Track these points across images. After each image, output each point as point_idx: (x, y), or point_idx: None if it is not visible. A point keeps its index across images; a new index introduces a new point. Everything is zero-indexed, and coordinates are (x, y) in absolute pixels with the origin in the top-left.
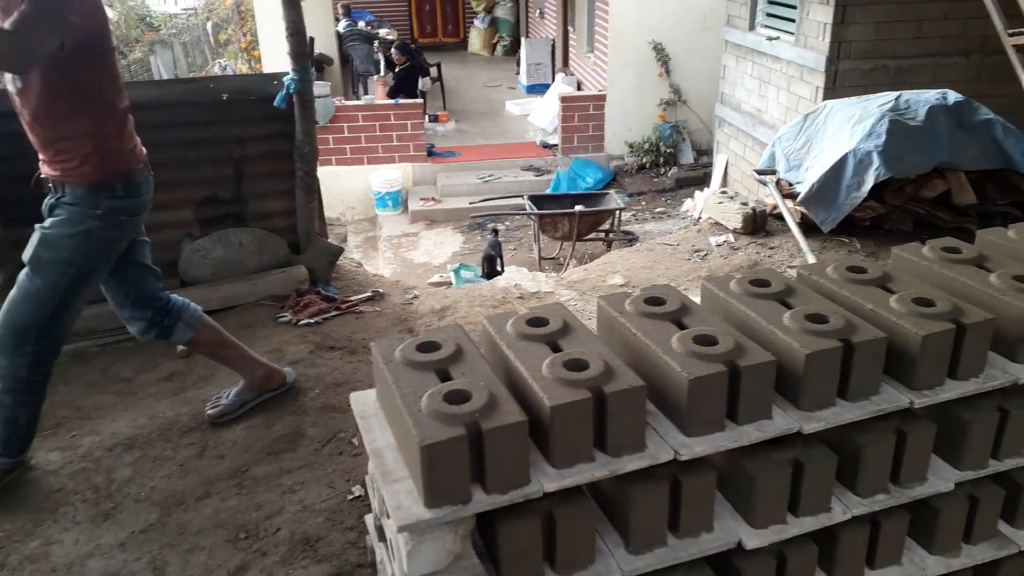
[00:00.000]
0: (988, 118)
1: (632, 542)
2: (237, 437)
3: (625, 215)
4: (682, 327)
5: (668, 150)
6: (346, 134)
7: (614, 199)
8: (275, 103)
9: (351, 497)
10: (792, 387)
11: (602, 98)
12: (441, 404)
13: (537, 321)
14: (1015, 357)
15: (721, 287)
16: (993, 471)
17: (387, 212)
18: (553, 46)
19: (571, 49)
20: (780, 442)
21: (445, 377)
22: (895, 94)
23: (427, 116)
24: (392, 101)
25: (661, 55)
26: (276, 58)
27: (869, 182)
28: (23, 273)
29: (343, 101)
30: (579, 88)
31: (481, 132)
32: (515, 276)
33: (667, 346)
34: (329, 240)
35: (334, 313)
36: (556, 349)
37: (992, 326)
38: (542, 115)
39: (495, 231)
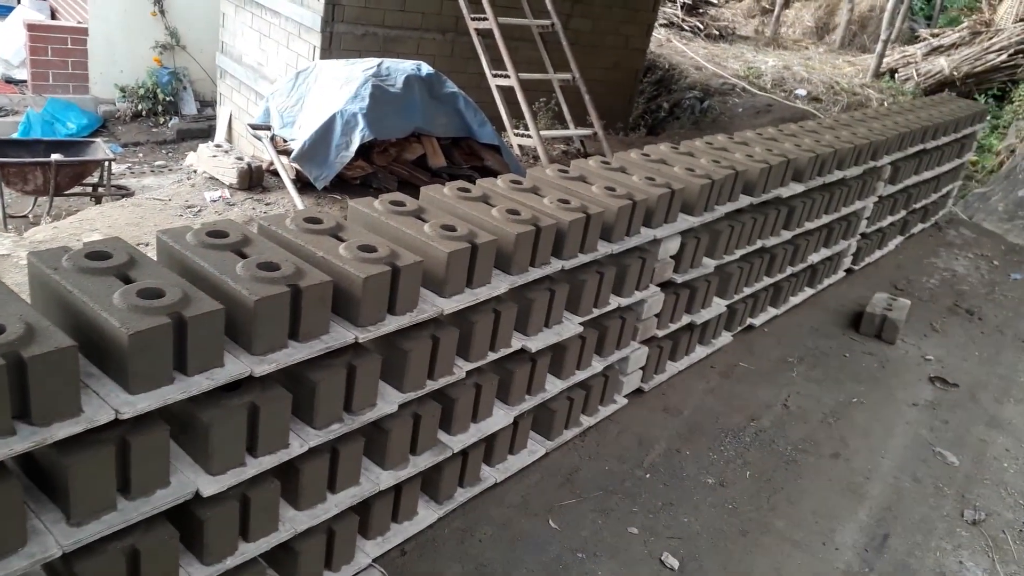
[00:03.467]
0: (453, 91)
1: (74, 514)
2: None
3: (119, 167)
4: (128, 281)
5: (168, 98)
6: None
7: (102, 148)
8: None
9: None
10: (244, 333)
11: (83, 31)
12: None
13: None
14: (442, 293)
15: (177, 239)
16: (430, 390)
17: None
18: None
19: None
20: (238, 387)
21: None
22: (378, 61)
23: None
24: None
25: None
26: None
27: (356, 142)
28: None
29: None
30: (54, 16)
31: None
32: None
33: (107, 302)
34: None
35: None
36: None
37: (421, 267)
38: (5, 43)
39: None
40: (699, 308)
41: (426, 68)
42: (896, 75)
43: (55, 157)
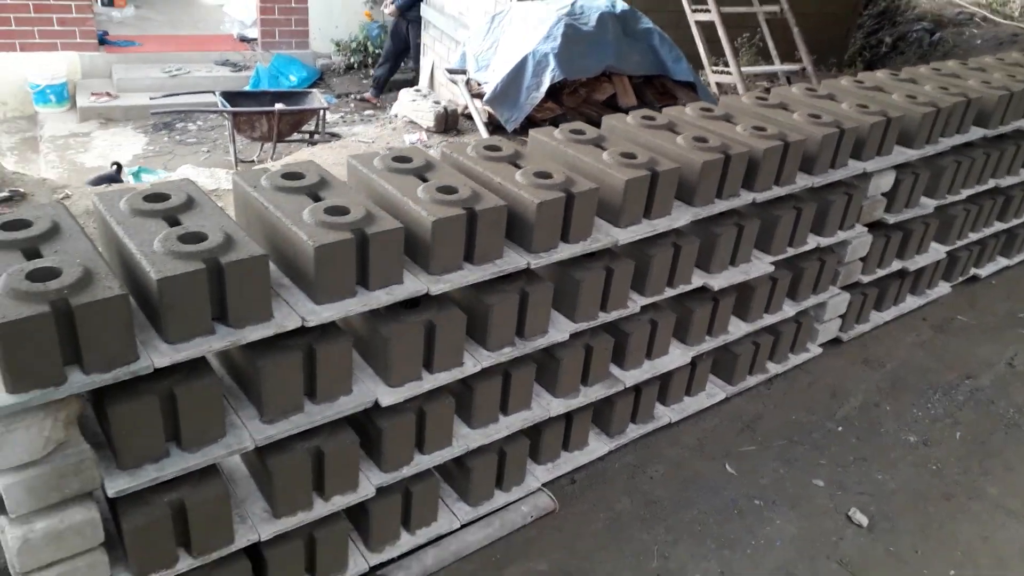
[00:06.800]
0: (648, 27)
1: (266, 412)
2: None
3: (333, 116)
4: (318, 200)
5: (377, 51)
6: None
7: (318, 98)
8: None
9: None
10: (423, 253)
11: None
12: (22, 283)
13: (157, 197)
14: (618, 223)
15: (365, 164)
16: (602, 322)
17: (50, 108)
18: None
19: None
20: (416, 305)
21: (34, 255)
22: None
23: None
24: None
25: None
26: None
27: (546, 83)
28: None
29: None
30: None
31: (168, 20)
32: (190, 172)
33: (297, 217)
34: None
35: None
36: (175, 224)
37: (596, 195)
38: (240, 5)
39: (118, 166)
40: (913, 253)
41: (621, 5)
42: None
43: (278, 106)
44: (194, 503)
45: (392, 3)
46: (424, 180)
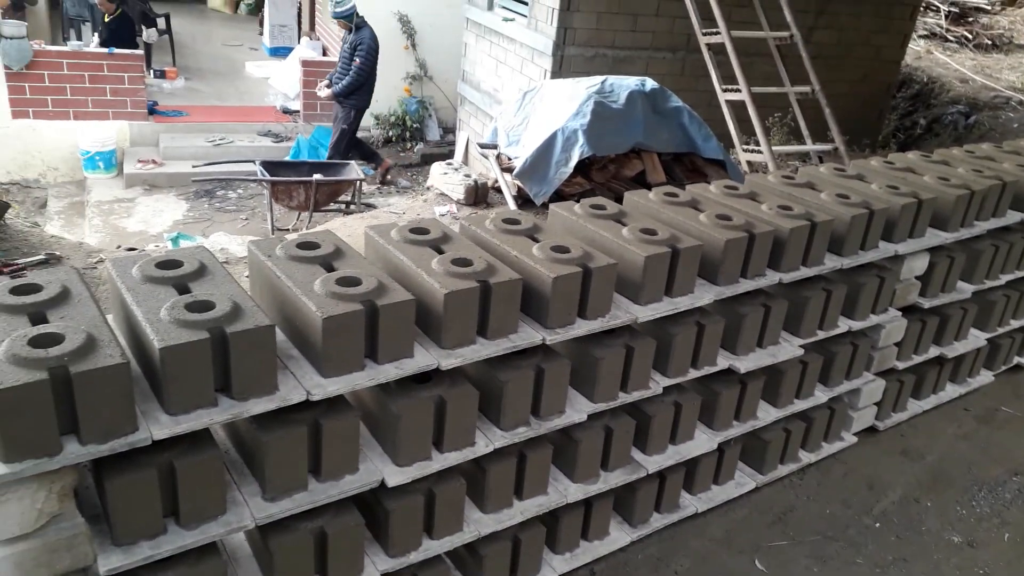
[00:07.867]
0: (678, 106)
1: (268, 488)
2: None
3: (369, 188)
4: (331, 270)
5: (415, 125)
6: (47, 83)
7: (355, 170)
8: None
9: None
10: (435, 326)
11: None
12: (23, 348)
13: (169, 264)
14: (638, 300)
15: (382, 235)
16: (623, 402)
17: (98, 174)
18: (300, 8)
19: (318, 12)
20: (426, 380)
21: (40, 321)
22: (602, 78)
23: (152, 71)
24: (105, 51)
25: (407, 27)
26: None
27: (575, 159)
28: None
29: (44, 45)
30: (325, 53)
31: (215, 93)
32: (223, 239)
33: (308, 287)
34: None
35: None
36: (184, 291)
37: (615, 270)
38: (285, 79)
39: None
40: (951, 340)
41: (650, 83)
42: None
43: (315, 177)
44: None
45: (326, 86)
46: (440, 252)
